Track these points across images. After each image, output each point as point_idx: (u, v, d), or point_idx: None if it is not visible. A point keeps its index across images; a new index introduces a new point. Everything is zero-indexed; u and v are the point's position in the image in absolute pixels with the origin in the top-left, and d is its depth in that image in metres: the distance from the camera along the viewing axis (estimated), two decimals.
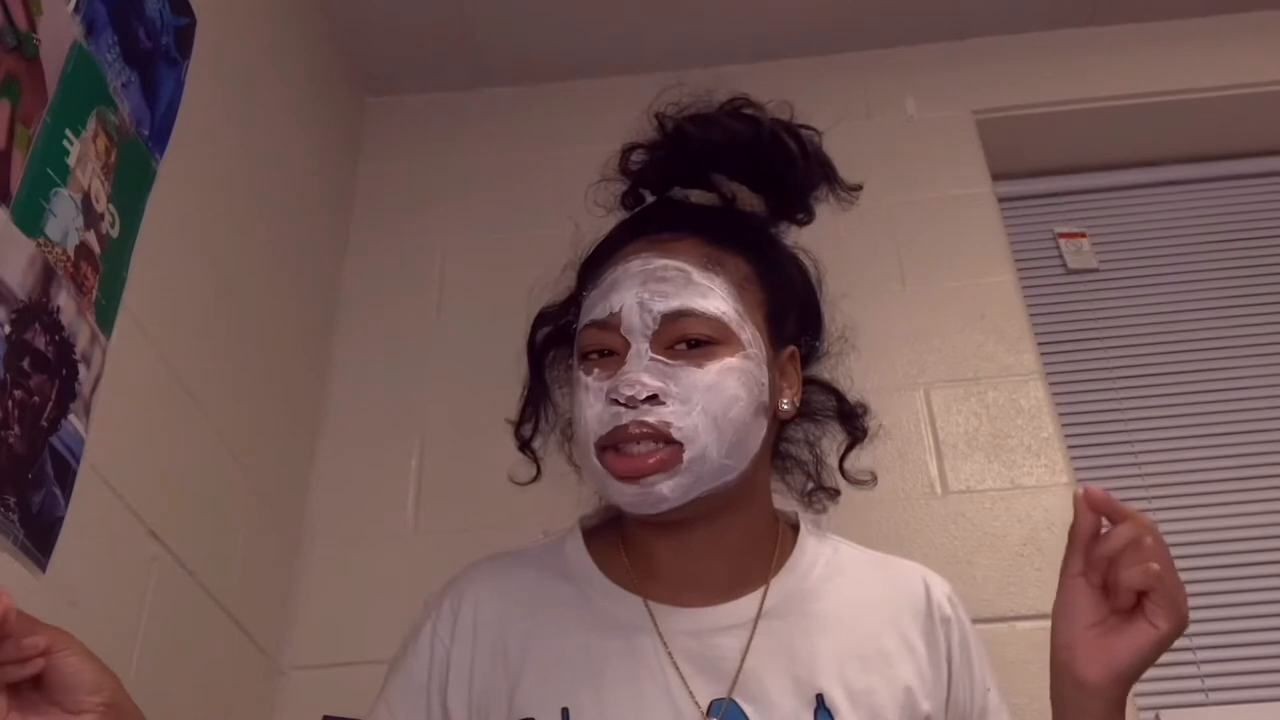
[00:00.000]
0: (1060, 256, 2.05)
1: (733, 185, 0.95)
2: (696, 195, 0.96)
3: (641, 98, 2.39)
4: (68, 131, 1.12)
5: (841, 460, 0.99)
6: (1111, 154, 2.14)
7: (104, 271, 1.18)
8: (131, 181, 1.26)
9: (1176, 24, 2.12)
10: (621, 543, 0.93)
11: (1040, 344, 1.86)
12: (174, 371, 1.35)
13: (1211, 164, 2.12)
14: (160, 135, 1.33)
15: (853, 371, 1.79)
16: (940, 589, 0.92)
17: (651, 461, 0.81)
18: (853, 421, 0.99)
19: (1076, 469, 1.74)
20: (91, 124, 1.17)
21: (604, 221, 0.98)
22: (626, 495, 0.83)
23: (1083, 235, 2.07)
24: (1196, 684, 1.65)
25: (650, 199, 0.98)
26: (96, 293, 1.16)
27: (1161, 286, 2.00)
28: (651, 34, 2.12)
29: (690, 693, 0.82)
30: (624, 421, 0.81)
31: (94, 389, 1.15)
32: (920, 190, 1.99)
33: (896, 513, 1.68)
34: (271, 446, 1.65)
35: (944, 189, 1.99)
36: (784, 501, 0.98)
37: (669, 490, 0.82)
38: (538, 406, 0.97)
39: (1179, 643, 1.81)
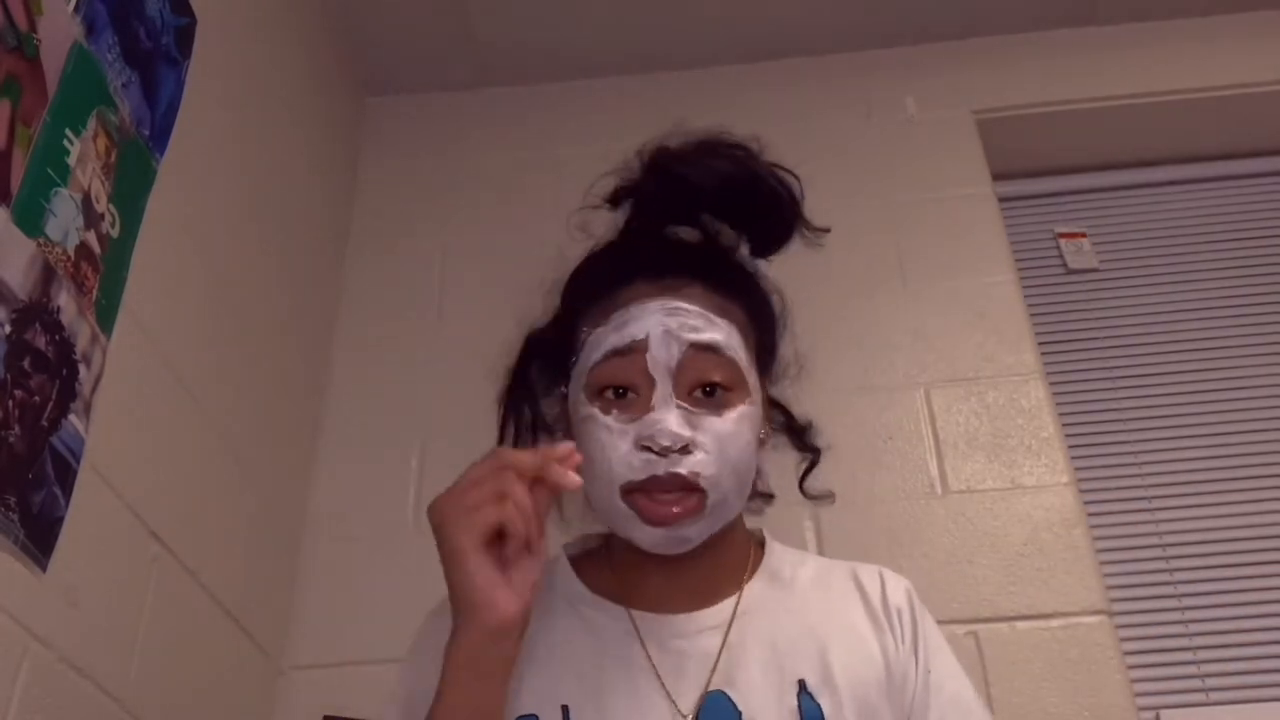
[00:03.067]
0: (1060, 256, 2.05)
1: (715, 223, 0.98)
2: (684, 233, 0.98)
3: (642, 98, 2.41)
4: (68, 131, 1.12)
5: (801, 480, 1.03)
6: (1111, 154, 2.14)
7: (104, 271, 1.18)
8: (132, 181, 1.26)
9: (1176, 24, 2.12)
10: (608, 562, 0.98)
11: (1040, 344, 1.86)
12: (174, 371, 1.35)
13: (1211, 164, 2.12)
14: (160, 135, 1.33)
15: (853, 371, 1.81)
16: (896, 584, 0.96)
17: (678, 510, 0.85)
18: (801, 437, 1.02)
19: (1076, 469, 1.74)
20: (92, 124, 1.17)
21: (587, 244, 1.00)
22: (652, 537, 0.87)
23: (1083, 235, 2.07)
24: (1197, 684, 1.65)
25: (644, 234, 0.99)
26: (97, 292, 1.16)
27: (1161, 286, 2.01)
28: (652, 34, 2.12)
29: (668, 693, 0.87)
30: (659, 472, 0.85)
31: (94, 389, 1.15)
32: (920, 190, 1.99)
33: (896, 512, 1.68)
34: (271, 446, 1.65)
35: (944, 189, 2.00)
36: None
37: (694, 534, 0.87)
38: (534, 432, 0.99)
39: (1179, 643, 1.83)
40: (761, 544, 1.00)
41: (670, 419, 0.85)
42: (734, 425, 0.87)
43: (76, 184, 1.13)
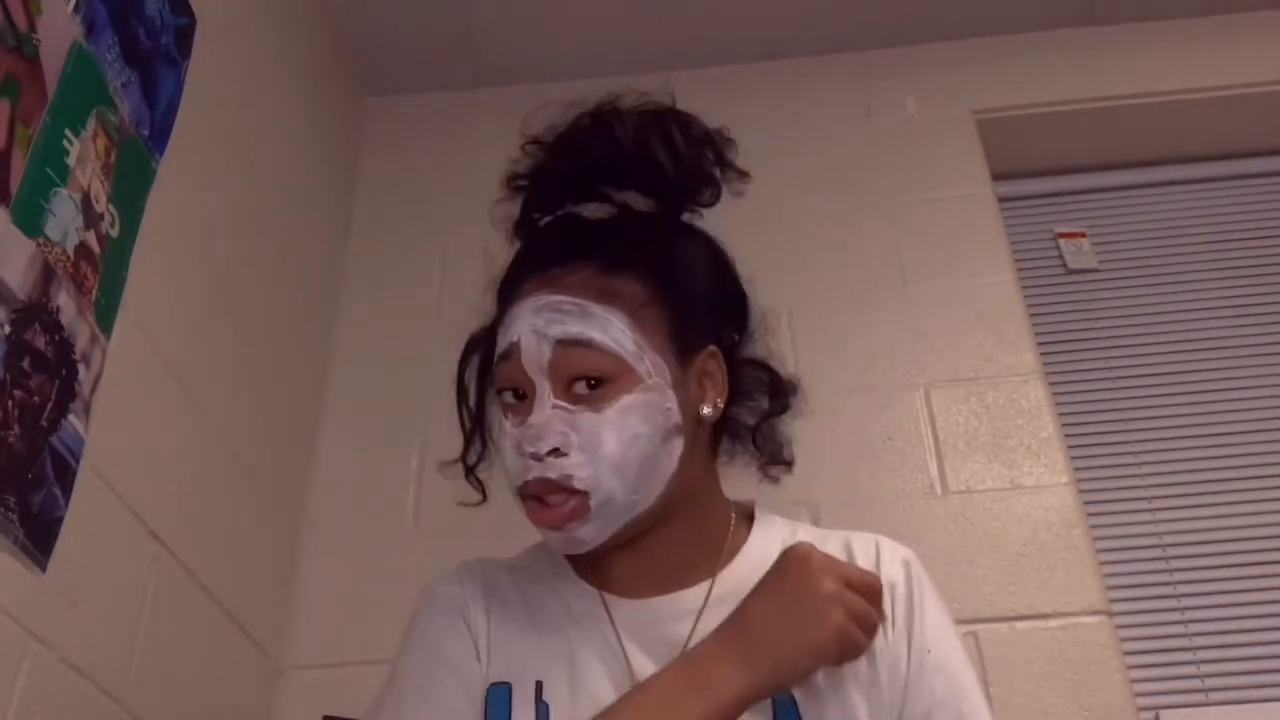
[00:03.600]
0: (1060, 256, 2.05)
1: (622, 194, 0.94)
2: (591, 209, 0.94)
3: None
4: (67, 131, 1.12)
5: (754, 433, 0.97)
6: (1111, 154, 2.14)
7: (104, 271, 1.18)
8: (131, 181, 1.26)
9: (1176, 24, 2.12)
10: None
11: (1040, 344, 1.86)
12: (174, 371, 1.35)
13: (1211, 164, 2.12)
14: (160, 135, 1.33)
15: (853, 371, 1.82)
16: (893, 556, 0.92)
17: (565, 511, 0.84)
18: (781, 397, 0.97)
19: (1076, 469, 1.74)
20: (91, 124, 1.17)
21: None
22: (551, 538, 0.87)
23: (1082, 235, 2.07)
24: (1196, 684, 1.65)
25: (540, 221, 0.97)
26: (96, 293, 1.16)
27: (1161, 286, 2.00)
28: (652, 34, 2.12)
29: (634, 677, 0.85)
30: (531, 477, 0.84)
31: (94, 389, 1.15)
32: (920, 190, 1.99)
33: (896, 513, 1.68)
34: (271, 446, 1.65)
35: (944, 189, 2.00)
36: (742, 488, 0.98)
37: (585, 534, 0.85)
38: (480, 432, 0.97)
39: (1179, 643, 1.83)
40: (751, 517, 0.97)
41: (542, 421, 0.84)
42: (615, 418, 0.83)
43: (76, 184, 1.13)
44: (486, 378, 0.97)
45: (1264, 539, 1.75)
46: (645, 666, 0.85)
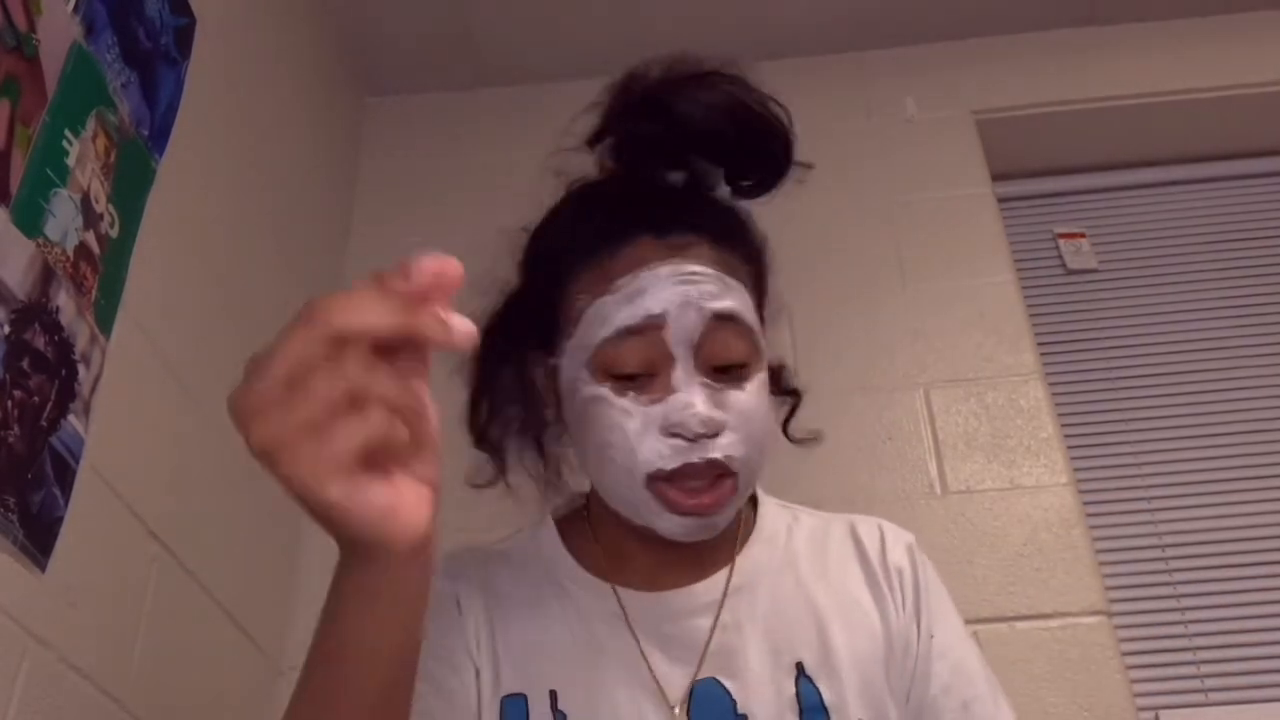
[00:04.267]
0: (1060, 257, 2.05)
1: (706, 165, 0.88)
2: (673, 177, 0.88)
3: None
4: (67, 132, 1.12)
5: (785, 424, 0.95)
6: (1111, 154, 2.14)
7: (103, 272, 1.18)
8: (131, 182, 1.26)
9: (1176, 24, 2.12)
10: (592, 531, 0.91)
11: (1040, 344, 1.86)
12: (173, 371, 1.35)
13: (1211, 164, 2.12)
14: (160, 135, 1.33)
15: (853, 371, 1.81)
16: (897, 539, 0.91)
17: (709, 500, 0.79)
18: (777, 382, 0.92)
19: (1076, 469, 1.74)
20: (91, 124, 1.17)
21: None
22: (681, 526, 0.80)
23: (1082, 235, 2.07)
24: (1196, 684, 1.65)
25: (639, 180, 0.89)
26: (96, 293, 1.16)
27: (1161, 287, 2.01)
28: (652, 34, 2.12)
29: (656, 679, 0.81)
30: (693, 460, 0.77)
31: (93, 389, 1.15)
32: (920, 190, 1.99)
33: (896, 513, 1.66)
34: None
35: (944, 189, 2.00)
36: None
37: (723, 520, 0.82)
38: (501, 401, 0.90)
39: (1178, 643, 1.82)
40: (753, 500, 0.94)
41: (698, 401, 0.77)
42: (756, 398, 0.80)
43: (76, 184, 1.13)
44: (521, 341, 0.88)
45: (1264, 539, 1.75)
46: (665, 669, 0.82)
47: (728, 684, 0.81)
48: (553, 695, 0.81)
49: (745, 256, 0.86)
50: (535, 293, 0.89)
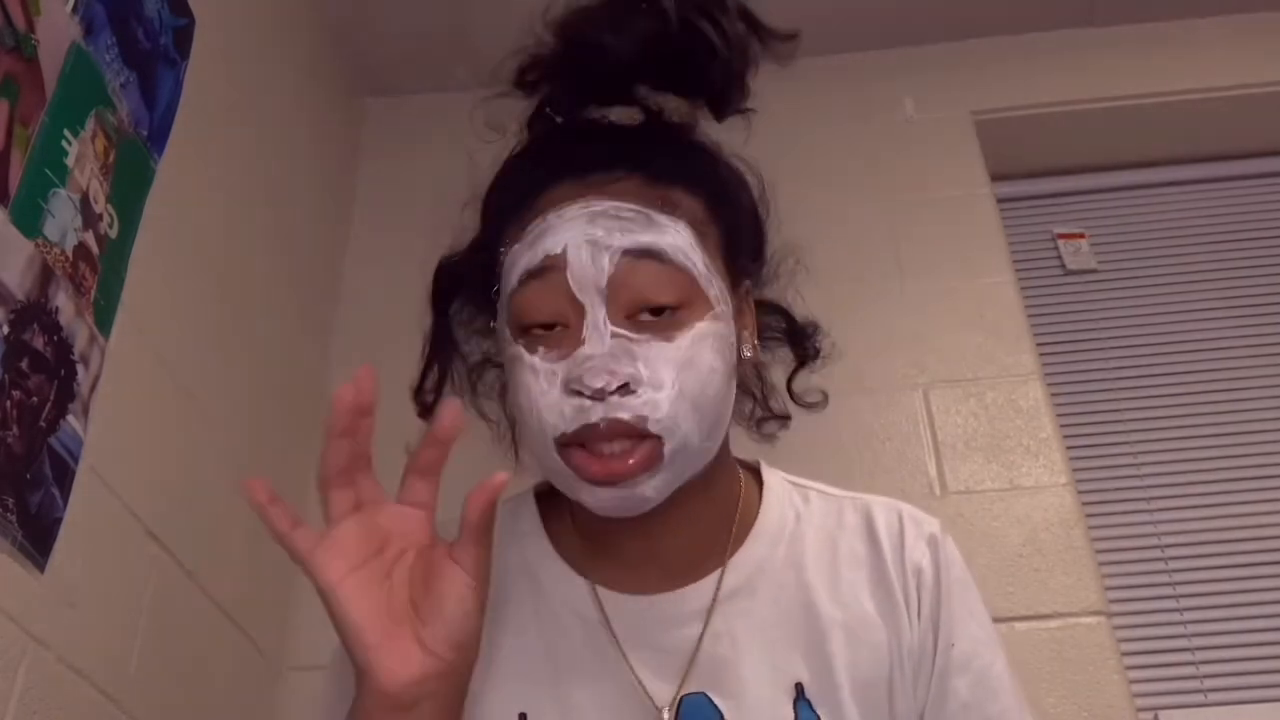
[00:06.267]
0: (1059, 257, 2.05)
1: (656, 96, 0.79)
2: (618, 113, 0.80)
3: None
4: (66, 132, 1.12)
5: (789, 381, 0.88)
6: (1111, 154, 2.14)
7: (102, 272, 1.18)
8: (130, 182, 1.26)
9: (1176, 24, 2.12)
10: (570, 516, 0.82)
11: (1039, 344, 1.86)
12: (173, 372, 1.35)
13: (1211, 164, 2.12)
14: (159, 135, 1.33)
15: (852, 371, 1.81)
16: (917, 532, 0.80)
17: (632, 463, 0.69)
18: (803, 342, 0.87)
19: (1075, 469, 1.74)
20: (90, 124, 1.17)
21: (498, 150, 0.85)
22: (602, 499, 0.71)
23: (1082, 236, 2.07)
24: (1195, 684, 1.65)
25: (561, 121, 0.81)
26: (95, 293, 1.16)
27: (1161, 287, 2.00)
28: None
29: (647, 693, 0.74)
30: (593, 419, 0.69)
31: (93, 389, 1.15)
32: (919, 190, 1.99)
33: None
34: (271, 446, 1.65)
35: (943, 189, 1.99)
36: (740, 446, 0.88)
37: (652, 491, 0.71)
38: (445, 366, 0.86)
39: (1178, 643, 1.82)
40: (758, 483, 0.84)
41: (602, 351, 0.69)
42: (689, 349, 0.70)
43: (75, 184, 1.13)
44: (472, 309, 0.83)
45: (1264, 539, 1.75)
46: (653, 683, 0.74)
47: (720, 702, 0.73)
48: (521, 718, 0.74)
49: (698, 190, 0.76)
50: (472, 255, 0.84)
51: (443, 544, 0.67)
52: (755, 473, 0.85)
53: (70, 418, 1.10)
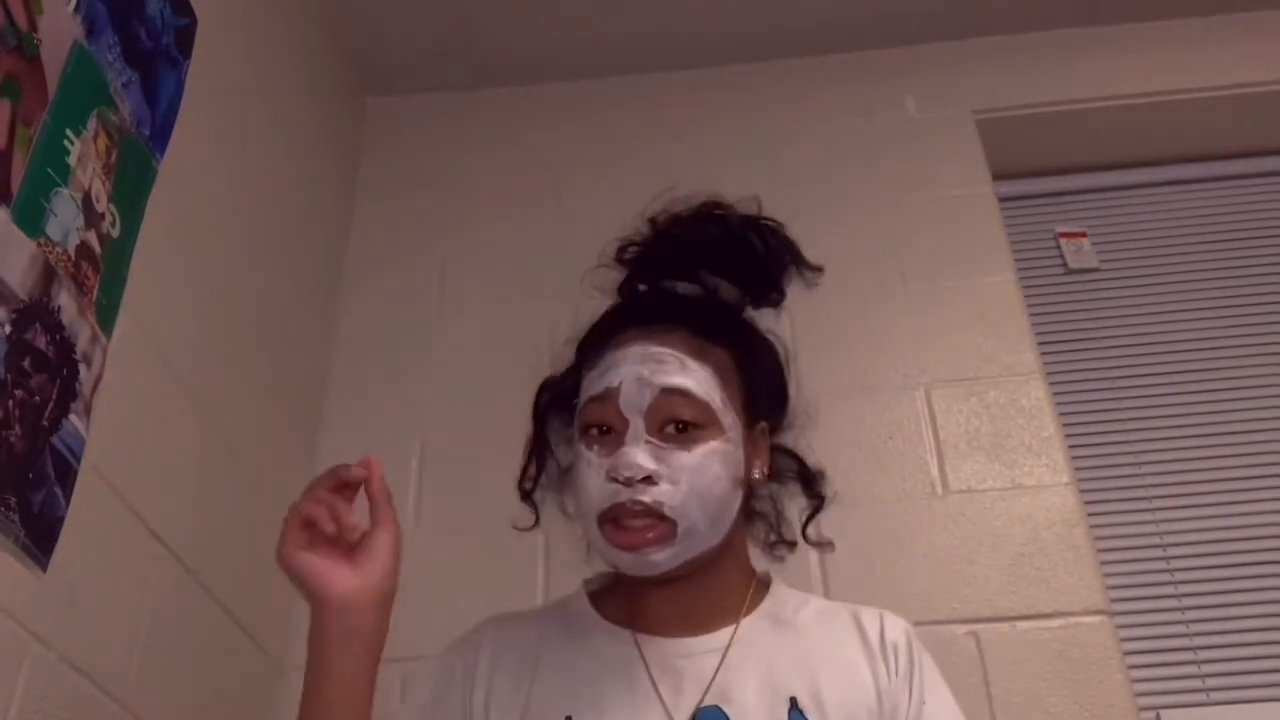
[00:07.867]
0: (1060, 256, 2.05)
1: (714, 279, 1.07)
2: (683, 287, 1.08)
3: (641, 98, 2.40)
4: (68, 131, 1.12)
5: (804, 527, 1.10)
6: (1111, 154, 2.14)
7: (104, 271, 1.18)
8: (132, 181, 1.26)
9: (1176, 24, 2.12)
10: (620, 592, 1.05)
11: (1040, 344, 1.86)
12: (174, 371, 1.35)
13: (1211, 164, 2.12)
14: (161, 135, 1.33)
15: (853, 371, 1.81)
16: (895, 624, 1.01)
17: (650, 536, 0.93)
18: (811, 485, 1.09)
19: (1077, 469, 1.74)
20: (92, 124, 1.17)
21: (599, 303, 1.09)
22: (624, 561, 0.95)
23: (1083, 235, 2.07)
24: (1197, 684, 1.65)
25: (642, 289, 1.10)
26: (97, 292, 1.16)
27: (1161, 286, 2.00)
28: (651, 34, 2.12)
29: (665, 706, 0.93)
30: (622, 499, 0.93)
31: (94, 389, 1.15)
32: (920, 190, 1.99)
33: (897, 513, 1.68)
34: (271, 446, 1.65)
35: (944, 189, 1.99)
36: (757, 560, 1.08)
37: (662, 559, 0.94)
38: (541, 462, 1.09)
39: (1179, 643, 1.82)
40: (767, 584, 1.06)
41: (637, 453, 0.93)
42: (701, 459, 0.94)
43: (77, 184, 1.13)
44: (553, 415, 1.08)
45: (1264, 539, 1.75)
46: (676, 698, 0.94)
47: (728, 711, 0.92)
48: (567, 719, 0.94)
49: (726, 347, 1.02)
50: (568, 377, 1.08)
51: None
52: (766, 580, 1.07)
53: (72, 417, 1.10)
